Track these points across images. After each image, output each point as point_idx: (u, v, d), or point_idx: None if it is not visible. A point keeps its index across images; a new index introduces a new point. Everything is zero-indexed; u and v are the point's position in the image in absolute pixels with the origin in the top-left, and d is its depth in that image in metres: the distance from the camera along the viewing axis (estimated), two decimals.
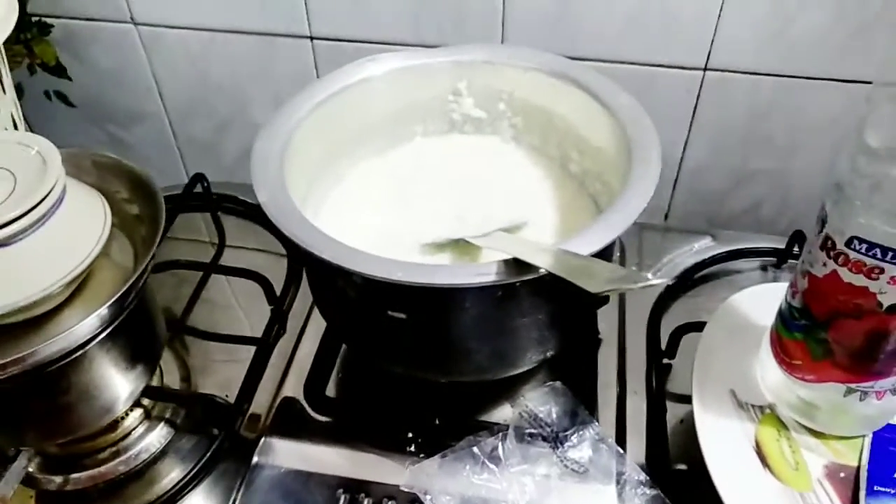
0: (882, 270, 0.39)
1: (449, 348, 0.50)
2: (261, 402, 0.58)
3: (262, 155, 0.50)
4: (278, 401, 0.58)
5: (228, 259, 0.70)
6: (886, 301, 0.40)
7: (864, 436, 0.49)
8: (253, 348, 0.61)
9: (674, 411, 0.56)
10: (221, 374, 0.60)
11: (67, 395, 0.47)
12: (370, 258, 0.43)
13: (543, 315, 0.49)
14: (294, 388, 0.59)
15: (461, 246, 0.53)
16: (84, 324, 0.43)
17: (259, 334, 0.62)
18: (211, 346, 0.63)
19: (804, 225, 0.62)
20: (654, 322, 0.62)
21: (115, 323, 0.46)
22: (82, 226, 0.47)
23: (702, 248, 0.70)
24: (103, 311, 0.44)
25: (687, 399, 0.53)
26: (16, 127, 0.65)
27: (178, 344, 0.63)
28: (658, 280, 0.36)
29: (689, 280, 0.66)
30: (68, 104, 0.83)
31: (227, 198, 0.75)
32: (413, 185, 0.60)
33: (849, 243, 0.40)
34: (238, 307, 0.67)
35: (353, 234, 0.50)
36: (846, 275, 0.41)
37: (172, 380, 0.60)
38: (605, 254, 0.45)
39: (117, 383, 0.50)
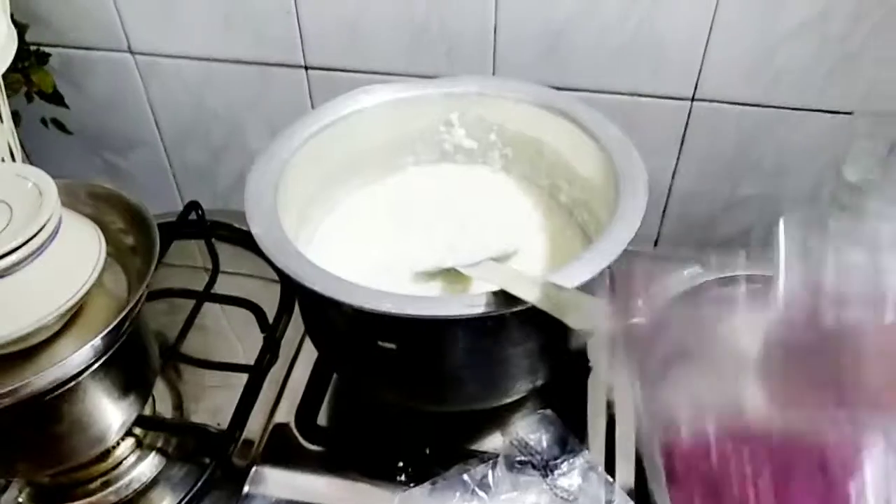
0: None
1: (439, 378, 0.50)
2: (253, 429, 0.58)
3: (256, 187, 0.51)
4: (270, 427, 0.58)
5: (222, 285, 0.71)
6: None
7: None
8: (245, 375, 0.61)
9: None
10: (214, 401, 0.60)
11: (60, 426, 0.47)
12: (360, 289, 0.43)
13: (533, 344, 0.49)
14: (286, 415, 0.59)
15: (453, 274, 0.53)
16: (77, 354, 0.43)
17: (252, 361, 0.62)
18: (204, 373, 0.63)
19: None
20: None
21: (109, 353, 0.46)
22: (77, 257, 0.47)
23: (692, 274, 0.70)
24: (97, 341, 0.44)
25: None
26: (13, 155, 0.65)
27: (172, 371, 0.63)
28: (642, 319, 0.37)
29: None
30: (65, 131, 0.84)
31: (220, 225, 0.76)
32: (405, 213, 0.61)
33: None
34: (231, 334, 0.67)
35: (345, 262, 0.50)
36: None
37: (165, 407, 0.60)
38: (593, 283, 0.46)
39: (110, 413, 0.50)
